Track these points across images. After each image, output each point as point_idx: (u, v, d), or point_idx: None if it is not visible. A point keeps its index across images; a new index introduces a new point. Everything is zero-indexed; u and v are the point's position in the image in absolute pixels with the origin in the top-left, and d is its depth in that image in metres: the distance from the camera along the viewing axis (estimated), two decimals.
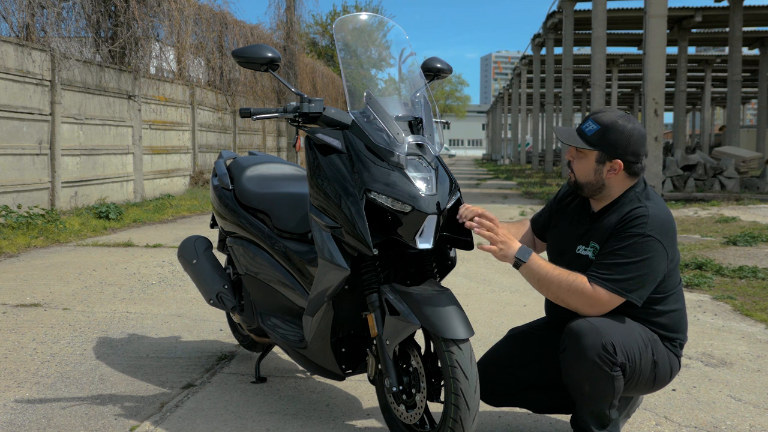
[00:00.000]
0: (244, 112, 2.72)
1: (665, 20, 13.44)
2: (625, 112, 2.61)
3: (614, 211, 2.54)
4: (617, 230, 2.46)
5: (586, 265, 2.52)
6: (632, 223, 2.44)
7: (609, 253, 2.45)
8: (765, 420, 3.01)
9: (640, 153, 2.52)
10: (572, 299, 2.45)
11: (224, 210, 3.49)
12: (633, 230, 2.43)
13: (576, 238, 2.63)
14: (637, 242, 2.41)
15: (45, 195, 10.02)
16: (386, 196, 2.48)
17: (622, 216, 2.48)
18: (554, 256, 2.74)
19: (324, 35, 36.24)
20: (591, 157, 2.53)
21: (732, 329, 4.44)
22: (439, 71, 3.02)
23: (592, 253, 2.54)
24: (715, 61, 35.25)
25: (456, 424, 2.40)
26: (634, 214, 2.45)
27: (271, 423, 2.95)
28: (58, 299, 5.20)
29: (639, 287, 2.43)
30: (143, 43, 12.64)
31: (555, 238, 2.78)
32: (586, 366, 2.40)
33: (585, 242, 2.58)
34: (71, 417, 2.99)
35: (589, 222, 2.62)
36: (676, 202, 13.58)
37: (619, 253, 2.42)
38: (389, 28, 2.99)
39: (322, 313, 2.71)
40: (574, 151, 2.58)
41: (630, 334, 2.45)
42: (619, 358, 2.40)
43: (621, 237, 2.44)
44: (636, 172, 2.53)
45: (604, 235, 2.51)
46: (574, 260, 2.59)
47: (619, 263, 2.41)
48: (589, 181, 2.55)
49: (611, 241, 2.46)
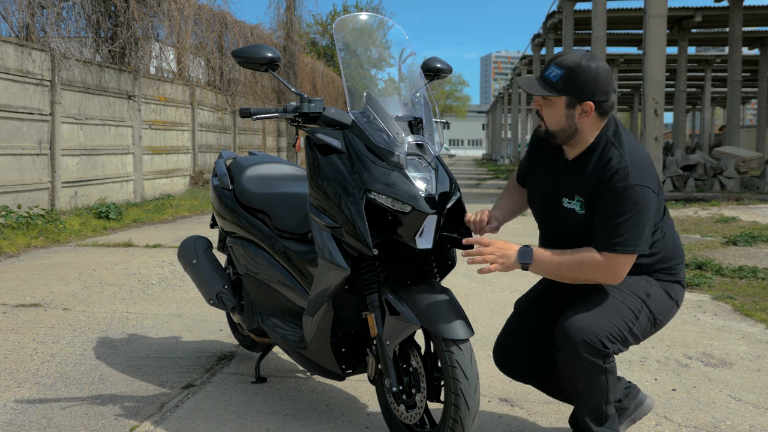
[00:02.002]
0: (244, 112, 2.72)
1: (665, 20, 13.44)
2: (586, 52, 2.51)
3: (590, 160, 2.47)
4: (602, 190, 2.40)
5: (576, 219, 2.49)
6: (614, 178, 2.38)
7: (604, 218, 2.40)
8: (765, 420, 3.01)
9: (608, 91, 2.44)
10: (590, 275, 2.41)
11: (224, 210, 3.49)
12: (618, 185, 2.37)
13: (557, 190, 2.57)
14: (627, 196, 2.36)
15: (45, 195, 10.02)
16: (386, 196, 2.48)
17: (602, 168, 2.42)
18: (538, 208, 2.69)
19: (324, 35, 36.24)
20: (560, 104, 2.44)
21: (732, 329, 4.44)
22: (439, 71, 3.03)
23: (579, 207, 2.49)
24: (715, 61, 35.24)
25: (456, 424, 2.40)
26: (613, 167, 2.39)
27: (271, 423, 2.95)
28: (58, 299, 5.20)
29: (642, 236, 2.39)
30: (143, 43, 12.64)
31: (533, 188, 2.72)
32: (578, 364, 2.40)
33: (569, 195, 2.53)
34: (71, 417, 2.99)
35: (565, 172, 2.56)
36: (676, 202, 13.58)
37: (614, 213, 2.37)
38: (389, 28, 2.99)
39: (322, 313, 2.71)
40: (541, 100, 2.48)
41: (618, 313, 2.44)
42: (611, 348, 2.40)
43: (609, 197, 2.38)
44: (606, 111, 2.46)
45: (586, 186, 2.46)
46: (562, 215, 2.54)
47: (618, 224, 2.36)
48: (561, 128, 2.47)
49: (600, 203, 2.41)
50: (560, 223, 2.56)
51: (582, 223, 2.49)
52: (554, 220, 2.58)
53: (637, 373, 3.57)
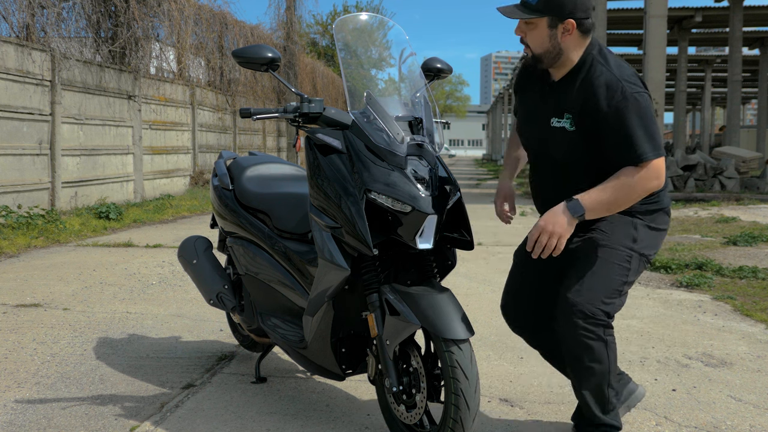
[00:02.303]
0: (244, 113, 2.72)
1: (665, 20, 13.45)
2: None
3: (577, 78, 2.50)
4: (598, 108, 2.43)
5: (566, 138, 2.51)
6: (612, 94, 2.41)
7: (619, 135, 2.41)
8: (765, 420, 3.01)
9: (588, 8, 2.47)
10: (636, 192, 2.45)
11: (224, 210, 3.49)
12: (618, 101, 2.40)
13: (545, 112, 2.58)
14: (631, 108, 2.40)
15: (45, 195, 10.02)
16: (386, 197, 2.48)
17: (592, 84, 2.45)
18: (528, 135, 2.71)
19: (324, 35, 36.23)
20: (542, 25, 2.47)
21: (732, 329, 4.44)
22: (439, 71, 3.03)
23: (569, 124, 2.51)
24: (715, 61, 35.24)
25: (456, 424, 2.40)
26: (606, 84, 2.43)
27: (272, 423, 2.95)
28: (59, 299, 5.20)
29: (659, 138, 2.45)
30: (143, 43, 12.64)
31: (523, 118, 2.74)
32: (577, 336, 2.45)
33: (558, 114, 2.54)
34: (71, 417, 2.99)
35: (552, 93, 2.58)
36: (677, 202, 13.58)
37: (626, 127, 2.40)
38: (389, 28, 2.99)
39: (322, 313, 2.71)
40: (523, 25, 2.52)
41: (609, 273, 2.49)
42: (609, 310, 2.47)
43: (614, 115, 2.41)
44: (588, 28, 2.49)
45: (575, 103, 2.49)
46: (552, 136, 2.56)
47: (635, 135, 2.40)
48: (546, 49, 2.49)
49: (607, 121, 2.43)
50: (551, 145, 2.58)
51: (573, 141, 2.51)
52: (544, 143, 2.60)
53: (637, 374, 3.57)
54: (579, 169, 2.56)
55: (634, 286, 5.79)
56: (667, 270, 6.35)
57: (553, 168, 2.61)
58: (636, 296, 5.39)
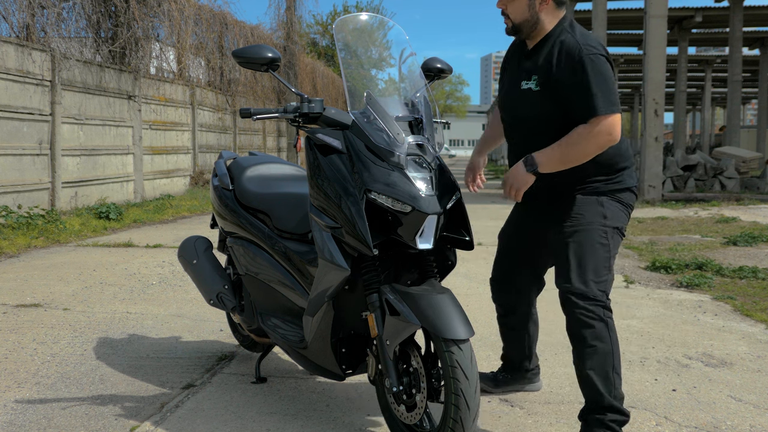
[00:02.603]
0: (244, 113, 2.72)
1: (665, 20, 13.45)
2: None
3: (547, 45, 2.72)
4: (561, 68, 2.63)
5: (532, 97, 2.72)
6: (572, 52, 2.62)
7: (576, 91, 2.60)
8: (765, 420, 3.01)
9: None
10: (590, 146, 2.60)
11: (224, 210, 3.49)
12: (576, 59, 2.60)
13: (518, 76, 2.81)
14: (587, 66, 2.58)
15: (45, 195, 10.02)
16: (386, 197, 2.48)
17: (558, 48, 2.66)
18: (503, 103, 2.93)
19: (324, 35, 36.23)
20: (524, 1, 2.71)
21: (732, 329, 4.44)
22: (439, 71, 3.03)
23: (534, 84, 2.71)
24: (716, 62, 35.23)
25: (456, 425, 2.40)
26: (568, 42, 2.65)
27: (272, 423, 2.95)
28: (59, 299, 5.20)
29: (613, 97, 2.61)
30: (143, 43, 12.64)
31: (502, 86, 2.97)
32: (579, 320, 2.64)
33: (527, 77, 2.75)
34: (71, 417, 2.99)
35: (525, 59, 2.81)
36: (677, 202, 13.58)
37: (582, 83, 2.58)
38: (389, 28, 2.99)
39: (323, 313, 2.71)
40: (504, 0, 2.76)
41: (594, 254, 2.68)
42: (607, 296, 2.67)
43: (576, 71, 2.60)
44: (562, 1, 2.74)
45: (542, 66, 2.69)
46: (522, 97, 2.76)
47: (589, 90, 2.57)
48: (525, 18, 2.73)
49: (568, 79, 2.61)
50: (520, 106, 2.79)
51: (537, 100, 2.71)
52: (515, 105, 2.82)
53: (638, 374, 3.57)
54: (544, 128, 2.72)
55: (634, 286, 5.79)
56: (667, 270, 6.35)
57: (523, 128, 2.80)
58: (636, 296, 5.40)
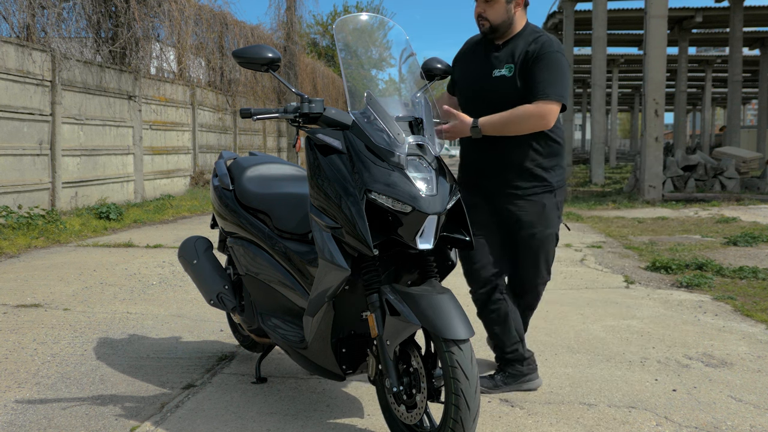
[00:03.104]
0: (244, 113, 2.72)
1: (665, 20, 13.44)
2: None
3: (518, 39, 3.14)
4: (532, 57, 3.04)
5: (505, 83, 3.10)
6: (544, 46, 3.05)
7: (534, 77, 3.03)
8: (765, 420, 3.01)
9: None
10: (528, 123, 3.03)
11: (225, 210, 3.49)
12: (546, 51, 3.03)
13: (489, 66, 3.15)
14: (551, 60, 3.03)
15: (45, 195, 10.02)
16: (387, 197, 2.48)
17: (532, 42, 3.08)
18: (470, 88, 3.23)
19: (324, 35, 36.23)
20: (502, 1, 3.10)
21: (732, 330, 4.44)
22: (439, 72, 3.04)
23: (508, 71, 3.10)
24: (716, 62, 35.22)
25: (456, 425, 2.40)
26: (541, 39, 3.08)
27: (272, 423, 2.95)
28: (59, 300, 5.20)
29: (565, 91, 3.03)
30: (144, 43, 12.64)
31: (465, 76, 3.27)
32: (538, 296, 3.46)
33: (500, 66, 3.13)
34: (72, 417, 2.99)
35: (497, 51, 3.17)
36: (677, 202, 13.58)
37: (542, 72, 3.02)
38: (390, 28, 2.99)
39: (323, 313, 2.71)
40: (483, 3, 3.12)
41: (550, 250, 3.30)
42: None
43: (537, 61, 3.03)
44: (528, 4, 3.19)
45: (517, 57, 3.09)
46: (494, 83, 3.13)
47: (545, 78, 3.01)
48: (503, 20, 3.12)
49: (532, 66, 3.04)
50: (491, 91, 3.14)
51: (510, 85, 3.09)
52: (485, 91, 3.16)
53: (638, 374, 3.57)
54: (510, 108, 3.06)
55: (635, 286, 5.79)
56: (667, 270, 6.35)
57: (491, 110, 3.09)
58: (636, 296, 5.40)
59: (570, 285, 5.83)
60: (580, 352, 3.95)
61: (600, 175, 20.09)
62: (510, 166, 3.19)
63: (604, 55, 19.55)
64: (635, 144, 49.60)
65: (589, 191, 16.91)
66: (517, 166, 3.19)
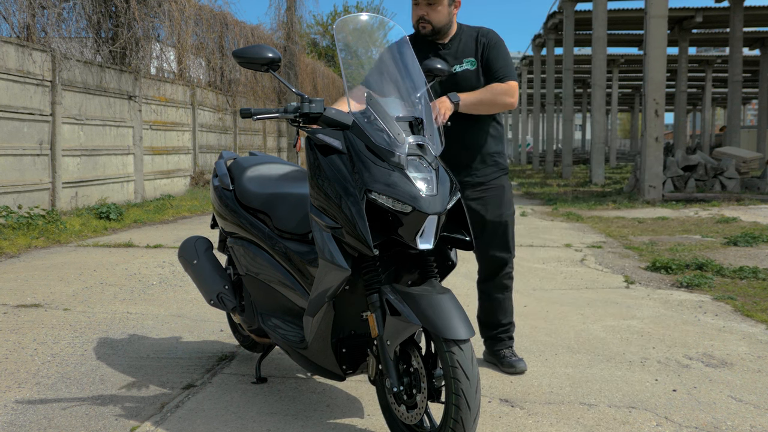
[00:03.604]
0: (244, 113, 2.72)
1: (666, 21, 13.44)
2: None
3: (462, 36, 3.48)
4: (486, 47, 3.45)
5: (473, 76, 3.43)
6: (490, 36, 3.48)
7: (496, 62, 3.44)
8: (765, 420, 3.01)
9: None
10: (502, 99, 3.38)
11: (225, 210, 3.49)
12: (495, 40, 3.47)
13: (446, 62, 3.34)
14: (501, 47, 3.49)
15: (45, 195, 10.02)
16: (387, 197, 2.48)
17: (477, 36, 3.47)
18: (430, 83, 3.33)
19: (325, 36, 36.23)
20: (444, 4, 3.39)
21: (733, 330, 4.43)
22: (439, 72, 3.04)
23: (471, 65, 3.44)
24: (716, 62, 35.23)
25: (457, 425, 2.40)
26: (486, 32, 3.49)
27: (272, 423, 2.95)
28: (59, 300, 5.20)
29: (513, 68, 3.49)
30: (144, 43, 12.64)
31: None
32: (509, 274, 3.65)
33: (458, 61, 3.45)
34: (72, 417, 2.99)
35: (444, 49, 3.47)
36: (677, 202, 13.57)
37: (500, 57, 3.45)
38: (390, 28, 2.99)
39: (323, 313, 2.71)
40: (427, 7, 3.37)
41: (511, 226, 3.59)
42: None
43: (492, 49, 3.45)
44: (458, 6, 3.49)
45: (472, 50, 3.45)
46: (459, 76, 3.42)
47: (506, 63, 3.46)
48: (445, 22, 3.42)
49: (489, 54, 3.44)
50: (457, 84, 3.41)
51: (476, 76, 3.45)
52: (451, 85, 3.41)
53: (638, 374, 3.57)
54: None
55: (635, 286, 5.79)
56: (667, 270, 6.35)
57: None
58: (636, 296, 5.40)
59: (570, 285, 5.83)
60: (581, 352, 3.95)
61: (600, 175, 20.09)
62: (473, 155, 3.50)
63: (604, 55, 19.54)
64: (635, 144, 49.61)
65: (589, 191, 16.91)
66: (479, 154, 3.51)
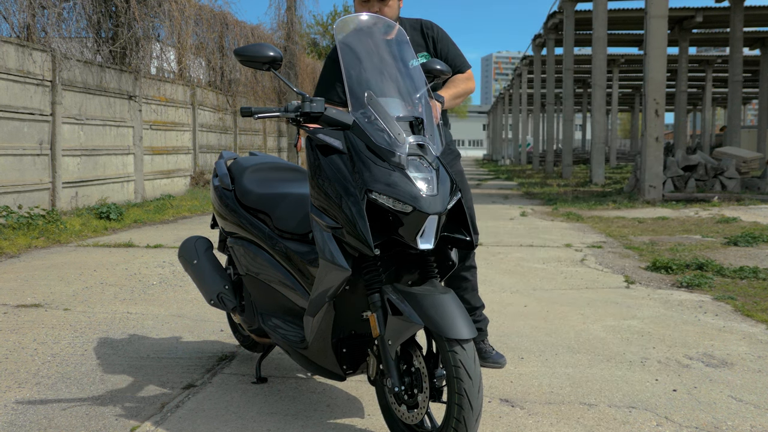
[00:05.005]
0: (245, 111, 2.72)
1: (666, 20, 13.44)
2: None
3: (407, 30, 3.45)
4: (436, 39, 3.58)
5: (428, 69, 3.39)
6: (435, 29, 3.61)
7: (450, 53, 3.58)
8: (766, 420, 3.01)
9: None
10: (469, 87, 3.57)
11: (225, 210, 3.49)
12: (440, 30, 3.61)
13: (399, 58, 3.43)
14: (448, 36, 3.63)
15: (46, 195, 10.02)
16: (387, 197, 2.48)
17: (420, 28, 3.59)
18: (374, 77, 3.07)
19: (325, 35, 36.24)
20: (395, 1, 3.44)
21: (733, 330, 4.43)
22: (439, 72, 3.04)
23: (425, 58, 3.53)
24: (716, 62, 35.23)
25: (459, 424, 2.39)
26: (427, 23, 3.62)
27: (272, 423, 2.95)
28: (59, 300, 5.20)
29: None
30: (144, 43, 12.65)
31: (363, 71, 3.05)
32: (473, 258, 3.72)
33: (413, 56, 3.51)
34: (72, 417, 2.99)
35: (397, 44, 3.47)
36: (677, 202, 13.57)
37: (452, 47, 3.61)
38: (390, 28, 2.99)
39: (323, 313, 2.70)
40: (378, 4, 3.38)
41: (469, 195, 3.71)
42: None
43: (443, 41, 3.59)
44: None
45: (427, 45, 3.58)
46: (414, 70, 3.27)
47: (459, 52, 3.63)
48: (395, 17, 3.43)
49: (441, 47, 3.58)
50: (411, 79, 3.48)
51: None
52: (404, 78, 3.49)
53: (638, 374, 3.57)
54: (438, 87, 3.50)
55: (635, 286, 5.79)
56: (667, 270, 6.35)
57: None
58: (636, 296, 5.40)
59: (570, 285, 5.83)
60: (581, 352, 3.95)
61: (600, 175, 20.10)
62: None
63: (604, 55, 19.55)
64: (635, 144, 49.60)
65: (590, 191, 16.91)
66: None
